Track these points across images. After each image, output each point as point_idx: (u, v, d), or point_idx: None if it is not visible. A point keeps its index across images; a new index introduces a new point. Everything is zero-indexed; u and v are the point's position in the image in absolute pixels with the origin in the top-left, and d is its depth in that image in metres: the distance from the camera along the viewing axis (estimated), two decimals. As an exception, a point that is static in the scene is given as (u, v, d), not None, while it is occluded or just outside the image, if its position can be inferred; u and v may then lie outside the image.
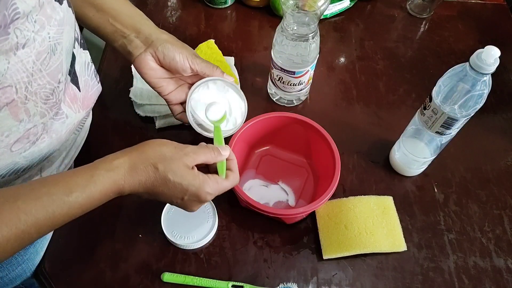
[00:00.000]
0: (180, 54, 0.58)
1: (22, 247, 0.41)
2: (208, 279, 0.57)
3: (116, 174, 0.45)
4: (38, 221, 0.40)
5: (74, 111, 0.53)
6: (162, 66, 0.60)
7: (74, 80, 0.52)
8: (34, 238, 0.42)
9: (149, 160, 0.47)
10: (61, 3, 0.45)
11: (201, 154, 0.50)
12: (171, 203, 0.51)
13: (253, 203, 0.57)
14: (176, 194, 0.48)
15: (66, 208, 0.42)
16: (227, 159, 0.53)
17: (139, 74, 0.60)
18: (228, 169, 0.53)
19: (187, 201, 0.50)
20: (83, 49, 0.55)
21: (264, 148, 0.70)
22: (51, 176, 0.44)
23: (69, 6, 0.48)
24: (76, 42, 0.52)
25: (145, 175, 0.46)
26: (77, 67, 0.52)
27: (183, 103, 0.63)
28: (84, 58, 0.55)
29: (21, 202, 0.40)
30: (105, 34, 0.60)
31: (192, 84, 0.62)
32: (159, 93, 0.62)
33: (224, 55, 0.80)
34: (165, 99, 0.62)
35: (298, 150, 0.69)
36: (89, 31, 0.61)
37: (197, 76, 0.62)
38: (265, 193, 0.65)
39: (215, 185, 0.50)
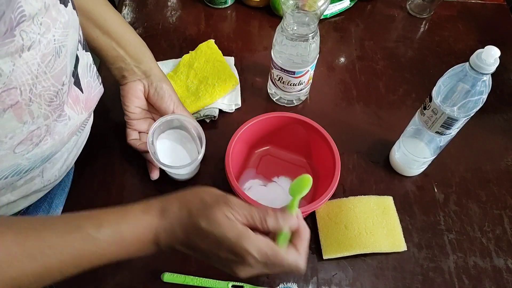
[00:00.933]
0: (169, 98, 0.63)
1: (40, 284, 0.38)
2: (208, 279, 0.57)
3: (150, 215, 0.41)
4: (62, 256, 0.37)
5: (76, 113, 0.53)
6: (147, 99, 0.65)
7: (77, 82, 0.52)
8: (56, 277, 0.38)
9: (185, 203, 0.42)
10: (66, 5, 0.45)
11: (245, 210, 0.41)
12: (212, 263, 0.43)
13: (254, 203, 0.57)
14: (210, 248, 0.41)
15: (93, 246, 0.38)
16: (294, 234, 0.43)
17: (123, 97, 0.64)
18: (293, 245, 0.42)
19: (225, 260, 0.41)
20: (85, 51, 0.55)
21: (264, 148, 0.70)
22: (85, 212, 0.41)
23: (74, 8, 0.48)
24: (79, 44, 0.52)
25: (177, 219, 0.41)
26: (79, 69, 0.53)
27: (140, 132, 0.67)
28: (86, 60, 0.55)
29: (49, 233, 0.37)
30: (105, 56, 0.62)
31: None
32: (126, 115, 0.65)
33: (224, 55, 0.80)
34: (127, 122, 0.65)
35: (298, 150, 0.69)
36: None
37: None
38: (265, 193, 0.65)
39: (261, 245, 0.39)
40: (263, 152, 0.70)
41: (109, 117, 0.74)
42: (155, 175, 0.65)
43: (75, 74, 0.51)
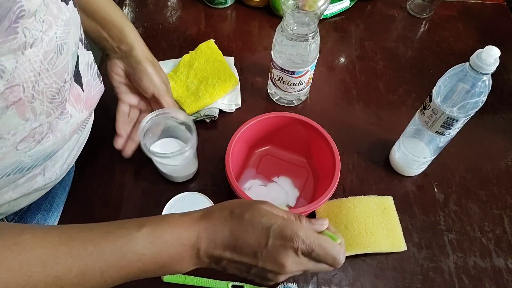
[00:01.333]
0: (149, 79, 0.64)
1: (82, 285, 0.37)
2: (208, 279, 0.57)
3: (190, 218, 0.42)
4: (105, 255, 0.37)
5: (78, 111, 0.54)
6: (128, 78, 0.66)
7: (78, 80, 0.53)
8: (97, 278, 0.38)
9: (225, 205, 0.43)
10: (67, 3, 0.45)
11: (283, 211, 0.43)
12: (256, 260, 0.41)
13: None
14: (258, 239, 0.40)
15: (135, 244, 0.39)
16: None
17: (107, 72, 0.66)
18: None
19: (273, 249, 0.40)
20: (87, 50, 0.55)
21: (264, 148, 0.70)
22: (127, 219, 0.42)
23: (75, 6, 0.48)
24: (80, 43, 0.52)
25: (221, 220, 0.41)
26: (80, 67, 0.53)
27: (130, 105, 0.69)
28: (87, 58, 0.55)
29: (93, 234, 0.38)
30: (90, 36, 0.65)
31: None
32: (117, 94, 0.67)
33: (224, 55, 0.80)
34: (116, 95, 0.67)
35: (298, 150, 0.69)
36: None
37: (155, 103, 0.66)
38: (264, 193, 0.65)
39: (308, 230, 0.42)
40: (263, 152, 0.70)
41: (110, 116, 0.74)
42: (119, 144, 0.66)
43: (76, 72, 0.51)
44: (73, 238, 0.38)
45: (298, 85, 0.71)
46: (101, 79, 0.60)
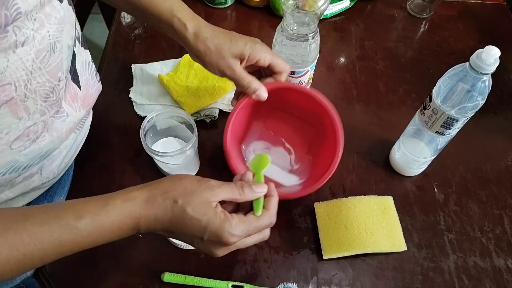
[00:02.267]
0: (208, 47, 0.55)
1: (22, 271, 0.39)
2: (208, 279, 0.57)
3: (132, 205, 0.42)
4: (42, 245, 0.38)
5: (74, 110, 0.53)
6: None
7: (75, 78, 0.53)
8: (37, 264, 0.39)
9: (168, 193, 0.43)
10: (61, 1, 0.45)
11: (226, 189, 0.45)
12: (192, 245, 0.46)
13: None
14: (195, 233, 0.43)
15: (73, 235, 0.39)
16: (264, 196, 0.48)
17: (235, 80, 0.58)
18: (264, 207, 0.47)
19: (208, 243, 0.44)
20: (84, 48, 0.55)
21: (273, 108, 0.68)
22: (66, 201, 0.42)
23: (70, 4, 0.48)
24: (77, 41, 0.52)
25: (162, 209, 0.42)
26: (78, 65, 0.53)
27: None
28: (85, 57, 0.55)
29: (29, 223, 0.38)
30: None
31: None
32: (249, 84, 0.57)
33: (224, 55, 0.80)
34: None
35: (306, 119, 0.68)
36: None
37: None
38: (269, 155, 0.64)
39: (240, 225, 0.44)
40: (272, 107, 0.67)
41: (109, 116, 0.74)
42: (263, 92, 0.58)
43: (73, 71, 0.51)
44: (9, 228, 0.37)
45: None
46: (98, 78, 0.60)
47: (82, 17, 1.03)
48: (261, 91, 0.57)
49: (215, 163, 0.69)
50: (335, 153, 0.58)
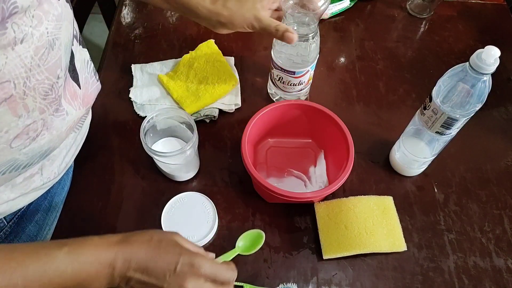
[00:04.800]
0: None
1: None
2: (208, 279, 0.57)
3: (110, 237, 0.45)
4: (27, 271, 0.40)
5: (74, 108, 0.53)
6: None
7: (75, 77, 0.53)
8: None
9: (145, 232, 0.47)
10: None
11: (196, 248, 0.48)
12: (163, 283, 0.45)
13: (277, 190, 0.57)
14: (169, 264, 0.44)
15: (56, 263, 0.41)
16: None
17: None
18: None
19: (180, 274, 0.44)
20: (82, 47, 0.55)
21: (264, 142, 0.70)
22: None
23: (67, 1, 0.48)
24: (75, 40, 0.52)
25: (138, 243, 0.45)
26: (77, 64, 0.53)
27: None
28: (83, 55, 0.55)
29: (18, 252, 0.41)
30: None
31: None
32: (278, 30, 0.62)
33: (224, 55, 0.80)
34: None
35: (300, 133, 0.70)
36: None
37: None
38: (283, 187, 0.65)
39: (212, 261, 0.47)
40: (265, 145, 0.71)
41: (109, 116, 0.74)
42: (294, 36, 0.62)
43: (72, 69, 0.51)
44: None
45: (298, 85, 0.70)
46: (97, 77, 0.60)
47: (82, 17, 1.03)
48: (289, 33, 0.60)
49: (214, 163, 0.69)
50: (347, 159, 0.61)
